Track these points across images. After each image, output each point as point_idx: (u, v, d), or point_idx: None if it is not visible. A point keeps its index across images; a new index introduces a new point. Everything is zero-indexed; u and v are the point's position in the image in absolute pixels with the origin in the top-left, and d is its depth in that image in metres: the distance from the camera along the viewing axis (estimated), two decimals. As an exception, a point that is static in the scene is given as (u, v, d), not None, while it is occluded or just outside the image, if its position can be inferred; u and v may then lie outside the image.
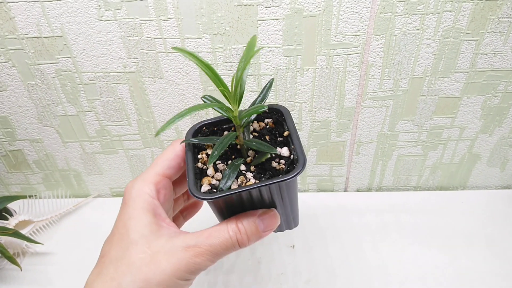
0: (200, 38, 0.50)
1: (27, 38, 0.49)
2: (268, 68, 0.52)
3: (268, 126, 0.40)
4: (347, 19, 0.48)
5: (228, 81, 0.34)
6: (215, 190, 0.34)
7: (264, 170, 0.35)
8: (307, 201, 0.64)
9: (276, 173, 0.35)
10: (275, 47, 0.50)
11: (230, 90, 0.34)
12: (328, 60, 0.51)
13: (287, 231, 0.42)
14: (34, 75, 0.53)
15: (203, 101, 0.37)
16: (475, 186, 0.67)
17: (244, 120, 0.36)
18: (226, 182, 0.33)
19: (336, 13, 0.48)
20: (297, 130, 0.58)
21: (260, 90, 0.36)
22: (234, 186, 0.34)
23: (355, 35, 0.49)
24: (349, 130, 0.59)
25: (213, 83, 0.32)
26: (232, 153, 0.38)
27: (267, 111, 0.40)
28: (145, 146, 0.61)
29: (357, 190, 0.68)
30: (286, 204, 0.37)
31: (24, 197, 0.62)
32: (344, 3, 0.47)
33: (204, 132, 0.39)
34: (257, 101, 0.38)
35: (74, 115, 0.57)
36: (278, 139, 0.39)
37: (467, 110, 0.57)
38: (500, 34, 0.49)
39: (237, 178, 0.34)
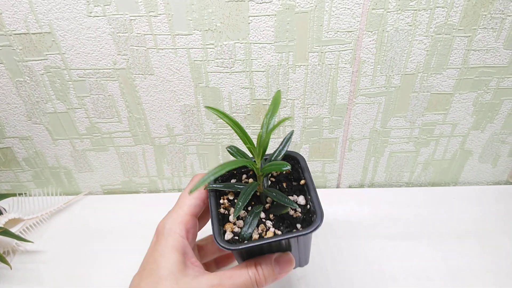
0: (191, 35, 0.49)
1: (15, 34, 0.49)
2: (260, 64, 0.52)
3: (284, 172, 0.42)
4: (339, 15, 0.48)
5: (226, 82, 0.34)
6: (237, 237, 0.36)
7: (282, 218, 0.38)
8: (300, 197, 0.64)
9: (293, 221, 0.37)
10: (267, 43, 0.50)
11: (255, 146, 0.36)
12: (320, 57, 0.51)
13: None
14: (23, 72, 0.52)
15: (228, 151, 0.39)
16: (467, 182, 0.67)
17: (265, 170, 0.38)
18: (248, 229, 0.36)
19: (328, 9, 0.47)
20: (290, 126, 0.58)
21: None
22: (255, 234, 0.36)
23: (347, 32, 0.49)
24: (342, 127, 0.59)
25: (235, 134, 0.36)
26: (251, 199, 0.40)
27: (289, 170, 0.42)
28: (136, 143, 0.61)
29: (350, 187, 0.68)
30: (301, 249, 0.40)
31: (14, 195, 0.61)
32: (336, -1, 0.46)
33: (225, 175, 0.42)
34: (277, 151, 0.40)
35: (63, 112, 0.57)
36: (293, 183, 0.41)
37: (459, 106, 0.57)
38: (492, 30, 0.49)
39: (257, 226, 0.37)
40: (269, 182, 0.41)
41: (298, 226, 0.37)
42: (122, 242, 0.59)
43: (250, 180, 0.42)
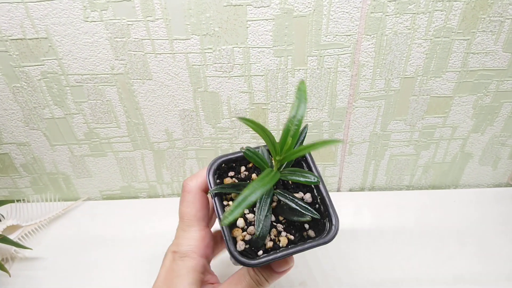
0: (189, 39, 0.49)
1: (11, 40, 0.48)
2: (259, 69, 0.51)
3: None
4: (337, 19, 0.47)
5: (224, 84, 0.33)
6: (248, 245, 0.34)
7: (292, 221, 0.36)
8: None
9: (301, 224, 0.36)
10: (265, 47, 0.50)
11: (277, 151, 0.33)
12: (319, 61, 0.51)
13: None
14: (19, 77, 0.52)
15: (245, 153, 0.35)
16: (467, 184, 0.67)
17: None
18: (261, 234, 0.33)
19: (326, 13, 0.47)
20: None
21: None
22: (268, 243, 0.34)
23: (346, 35, 0.49)
24: (341, 130, 0.59)
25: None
26: None
27: (317, 183, 0.36)
28: (134, 148, 0.60)
29: (350, 190, 0.67)
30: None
31: (12, 201, 0.61)
32: (334, 3, 0.46)
33: (223, 169, 0.39)
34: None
35: (61, 117, 0.56)
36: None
37: (459, 109, 0.56)
38: (491, 33, 0.49)
39: (269, 231, 0.35)
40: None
41: (306, 226, 0.36)
42: (121, 248, 0.58)
43: (254, 175, 0.39)
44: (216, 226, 0.41)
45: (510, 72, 0.52)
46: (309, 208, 0.34)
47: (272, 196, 0.34)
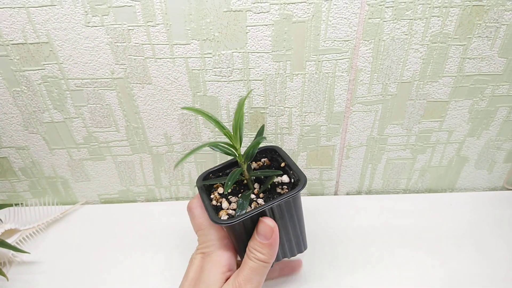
0: (189, 44, 0.49)
1: (12, 44, 0.49)
2: (258, 73, 0.52)
3: (265, 164, 0.47)
4: (335, 25, 0.48)
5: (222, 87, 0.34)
6: (228, 217, 0.40)
7: (271, 196, 0.42)
8: (298, 205, 0.64)
9: (281, 196, 0.40)
10: (264, 52, 0.50)
11: (232, 133, 0.41)
12: (317, 65, 0.51)
13: None
14: (20, 81, 0.52)
15: (212, 148, 0.42)
16: (464, 188, 0.68)
17: (247, 154, 0.42)
18: (241, 210, 0.39)
19: (325, 18, 0.48)
20: (287, 134, 0.58)
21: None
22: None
23: (344, 41, 0.49)
24: (339, 134, 0.59)
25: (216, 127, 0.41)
26: (240, 188, 0.44)
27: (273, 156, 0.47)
28: (133, 152, 0.61)
29: (347, 194, 0.68)
30: (295, 224, 0.43)
31: (10, 205, 0.61)
32: (332, 9, 0.47)
33: (211, 178, 0.45)
34: (252, 147, 0.43)
35: (61, 121, 0.56)
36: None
37: (455, 113, 0.57)
38: (487, 39, 0.50)
39: (250, 205, 0.41)
40: (252, 170, 0.46)
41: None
42: (119, 251, 0.58)
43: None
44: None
45: (505, 77, 0.53)
46: (274, 170, 0.42)
47: (241, 172, 0.41)
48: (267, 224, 0.39)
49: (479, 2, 0.47)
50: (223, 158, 0.61)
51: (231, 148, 0.41)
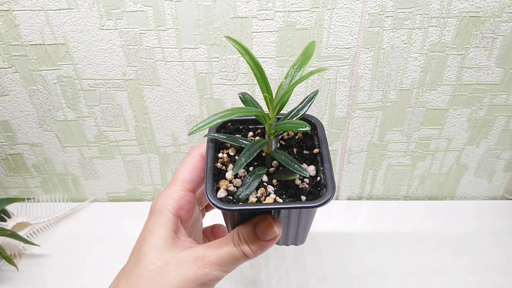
0: (197, 48, 0.52)
1: (31, 45, 0.52)
2: (262, 78, 0.54)
3: (297, 137, 0.38)
4: (337, 33, 0.50)
5: (223, 87, 0.36)
6: (231, 197, 0.32)
7: (286, 186, 0.34)
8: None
9: (298, 191, 0.33)
10: (269, 57, 0.52)
11: (273, 97, 0.32)
12: (319, 72, 0.53)
13: None
14: (36, 80, 0.55)
15: (240, 97, 0.35)
16: (463, 196, 0.68)
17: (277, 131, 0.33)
18: (245, 190, 0.32)
19: (327, 26, 0.50)
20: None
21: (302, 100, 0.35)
22: (252, 197, 0.32)
23: (345, 48, 0.52)
24: (340, 139, 0.61)
25: (258, 86, 0.33)
26: (255, 159, 0.34)
27: (309, 131, 0.36)
28: (142, 152, 0.63)
29: (348, 199, 0.69)
30: (300, 225, 0.36)
31: (22, 200, 0.63)
32: (334, 17, 0.49)
33: (228, 128, 0.37)
34: (296, 110, 0.36)
35: (73, 120, 0.59)
36: (304, 152, 0.36)
37: (454, 121, 0.58)
38: (484, 49, 0.51)
39: (257, 189, 0.33)
40: (278, 145, 0.36)
41: (303, 198, 0.33)
42: (125, 249, 0.60)
43: (257, 138, 0.37)
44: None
45: (503, 87, 0.55)
46: (301, 167, 0.31)
47: (261, 149, 0.33)
48: (273, 230, 0.32)
49: (476, 13, 0.48)
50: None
51: (265, 114, 0.33)
